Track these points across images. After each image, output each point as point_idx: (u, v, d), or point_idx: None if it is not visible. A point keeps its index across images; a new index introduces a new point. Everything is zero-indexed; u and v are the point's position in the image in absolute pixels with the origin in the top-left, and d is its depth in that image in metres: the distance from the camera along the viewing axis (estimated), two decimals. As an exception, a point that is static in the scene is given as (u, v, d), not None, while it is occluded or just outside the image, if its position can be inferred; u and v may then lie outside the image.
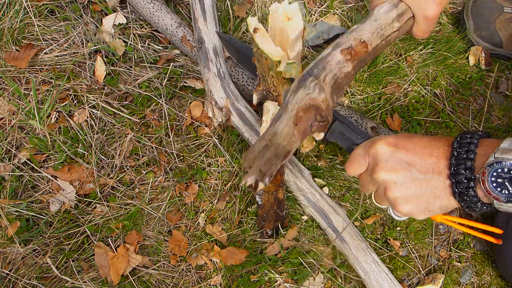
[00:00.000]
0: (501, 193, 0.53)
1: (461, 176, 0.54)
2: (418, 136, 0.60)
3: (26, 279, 0.96)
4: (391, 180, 0.59)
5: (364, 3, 1.30)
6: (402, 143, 0.59)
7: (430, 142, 0.58)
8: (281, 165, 0.92)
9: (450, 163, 0.55)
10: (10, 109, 1.10)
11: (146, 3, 1.18)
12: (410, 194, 0.59)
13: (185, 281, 0.99)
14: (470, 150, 0.54)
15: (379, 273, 0.93)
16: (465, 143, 0.55)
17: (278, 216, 0.99)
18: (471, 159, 0.54)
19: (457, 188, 0.55)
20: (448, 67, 1.25)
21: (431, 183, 0.57)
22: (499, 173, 0.52)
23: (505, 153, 0.51)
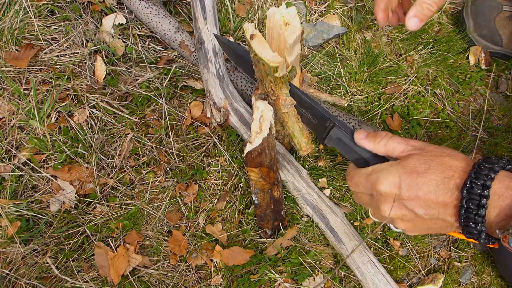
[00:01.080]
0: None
1: (472, 228, 0.52)
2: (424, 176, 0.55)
3: (26, 279, 0.96)
4: (397, 217, 0.59)
5: (364, 3, 1.30)
6: (406, 186, 0.56)
7: (437, 186, 0.54)
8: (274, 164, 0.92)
9: (459, 214, 0.53)
10: (10, 109, 1.11)
11: (144, 8, 1.17)
12: (417, 228, 0.59)
13: (185, 281, 0.99)
14: (481, 205, 0.51)
15: (375, 273, 0.93)
16: (475, 194, 0.51)
17: (277, 216, 0.99)
18: (483, 216, 0.51)
19: (467, 234, 0.54)
20: (448, 67, 1.25)
21: (438, 223, 0.56)
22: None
23: None
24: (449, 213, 0.54)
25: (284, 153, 1.04)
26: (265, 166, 0.88)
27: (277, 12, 0.70)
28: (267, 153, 0.87)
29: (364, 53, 1.23)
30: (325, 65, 1.22)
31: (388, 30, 1.30)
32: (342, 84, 1.19)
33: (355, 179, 0.64)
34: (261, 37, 0.70)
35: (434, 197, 0.54)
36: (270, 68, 0.71)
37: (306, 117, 0.80)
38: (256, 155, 0.84)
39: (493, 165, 0.51)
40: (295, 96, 0.81)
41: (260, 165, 0.88)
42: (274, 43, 0.74)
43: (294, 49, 0.74)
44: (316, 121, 0.80)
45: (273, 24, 0.71)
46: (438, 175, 0.54)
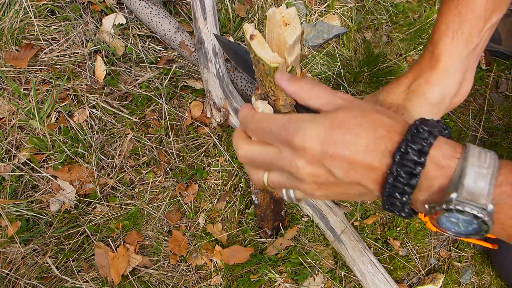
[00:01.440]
0: (450, 228, 0.45)
1: (395, 199, 0.45)
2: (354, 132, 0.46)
3: (26, 279, 0.96)
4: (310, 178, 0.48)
5: (364, 3, 1.30)
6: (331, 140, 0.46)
7: (367, 147, 0.45)
8: None
9: (385, 182, 0.45)
10: (10, 109, 1.10)
11: (144, 8, 1.17)
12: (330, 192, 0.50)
13: (185, 281, 0.99)
14: (414, 174, 0.43)
15: (375, 274, 0.93)
16: (409, 160, 0.43)
17: (277, 216, 0.99)
18: (412, 186, 0.43)
19: (387, 205, 0.47)
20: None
21: (357, 188, 0.48)
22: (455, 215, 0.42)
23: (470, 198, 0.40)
24: (373, 179, 0.46)
25: (284, 153, 1.04)
26: None
27: (277, 12, 0.70)
28: None
29: (364, 53, 1.23)
30: (325, 65, 1.23)
31: (388, 30, 1.30)
32: (342, 84, 1.19)
33: (263, 124, 0.51)
34: (261, 38, 0.71)
35: (362, 158, 0.45)
36: (270, 69, 0.71)
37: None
38: None
39: (432, 128, 0.44)
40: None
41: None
42: (274, 44, 0.74)
43: (294, 49, 0.75)
44: None
45: (273, 25, 0.71)
46: (369, 134, 0.46)
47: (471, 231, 0.43)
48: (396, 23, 1.30)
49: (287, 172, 0.49)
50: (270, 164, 0.50)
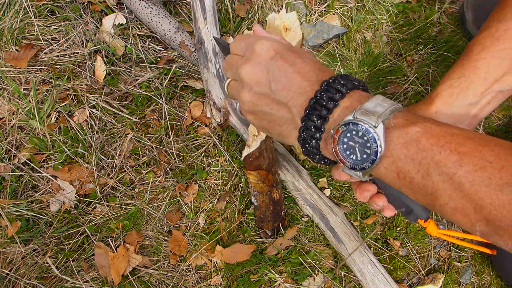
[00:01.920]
0: (348, 157, 0.48)
1: (311, 123, 0.48)
2: (305, 58, 0.52)
3: (26, 279, 0.96)
4: (249, 83, 0.53)
5: (364, 3, 1.30)
6: (284, 56, 0.52)
7: (308, 72, 0.51)
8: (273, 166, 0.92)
9: (307, 105, 0.49)
10: (10, 109, 1.11)
11: (144, 8, 1.17)
12: (258, 107, 0.54)
13: (185, 281, 0.99)
14: (333, 99, 0.47)
15: (375, 274, 0.93)
16: (333, 88, 0.48)
17: (277, 217, 0.99)
18: (329, 109, 0.47)
19: (303, 132, 0.50)
20: (448, 67, 1.25)
21: (282, 111, 0.52)
22: (353, 135, 0.46)
23: (366, 114, 0.44)
24: (299, 103, 0.50)
25: (284, 153, 1.04)
26: (264, 169, 0.88)
27: (277, 18, 0.70)
28: (265, 156, 0.86)
29: (364, 53, 1.23)
30: (325, 65, 1.22)
31: (388, 30, 1.30)
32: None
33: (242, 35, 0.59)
34: None
35: (300, 79, 0.51)
36: None
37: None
38: (254, 158, 0.84)
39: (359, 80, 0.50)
40: None
41: (259, 168, 0.87)
42: None
43: None
44: None
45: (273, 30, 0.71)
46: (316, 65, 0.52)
47: (365, 159, 0.47)
48: (396, 23, 1.30)
49: (237, 73, 0.56)
50: (231, 66, 0.58)
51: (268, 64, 0.52)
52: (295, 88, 0.50)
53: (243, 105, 0.56)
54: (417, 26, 1.28)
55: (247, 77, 0.53)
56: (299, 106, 0.50)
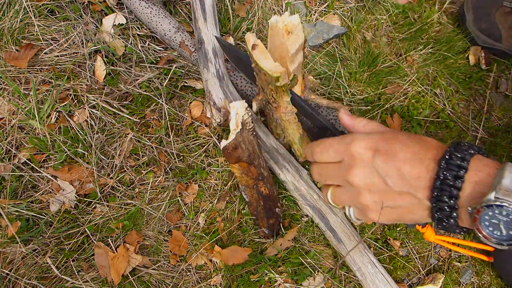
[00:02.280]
0: (492, 233, 0.47)
1: (444, 204, 0.49)
2: (402, 143, 0.52)
3: (26, 279, 0.96)
4: (366, 187, 0.54)
5: (364, 3, 1.30)
6: (383, 149, 0.52)
7: (415, 155, 0.51)
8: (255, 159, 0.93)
9: (433, 186, 0.49)
10: (10, 109, 1.11)
11: (144, 8, 1.17)
12: (383, 205, 0.54)
13: (185, 281, 0.99)
14: (459, 176, 0.47)
15: (375, 274, 0.93)
16: (454, 165, 0.48)
17: (270, 213, 0.99)
18: (458, 188, 0.48)
19: (437, 213, 0.50)
20: (448, 67, 1.25)
21: (407, 199, 0.52)
22: (495, 214, 0.46)
23: (508, 195, 0.44)
24: (421, 186, 0.50)
25: (284, 153, 1.04)
26: (244, 161, 0.90)
27: (279, 21, 0.70)
28: (244, 148, 0.88)
29: (364, 53, 1.23)
30: (325, 65, 1.22)
31: (388, 30, 1.30)
32: (342, 84, 1.19)
33: (327, 142, 0.58)
34: (263, 47, 0.70)
35: (410, 165, 0.50)
36: (272, 78, 0.71)
37: (307, 124, 0.81)
38: (231, 150, 0.86)
39: (471, 145, 0.50)
40: (296, 104, 0.82)
41: (239, 160, 0.89)
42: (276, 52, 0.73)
43: (297, 57, 0.74)
44: (317, 130, 0.80)
45: (275, 33, 0.71)
46: (415, 145, 0.52)
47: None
48: (396, 23, 1.30)
49: (344, 181, 0.55)
50: (331, 176, 0.58)
51: (374, 163, 0.52)
52: (410, 175, 0.50)
53: (367, 209, 0.55)
54: (417, 26, 1.28)
55: (360, 182, 0.54)
56: (422, 189, 0.50)
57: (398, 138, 0.53)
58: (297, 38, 0.70)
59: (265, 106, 0.92)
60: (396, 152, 0.51)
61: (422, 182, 0.50)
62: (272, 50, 0.74)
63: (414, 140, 0.53)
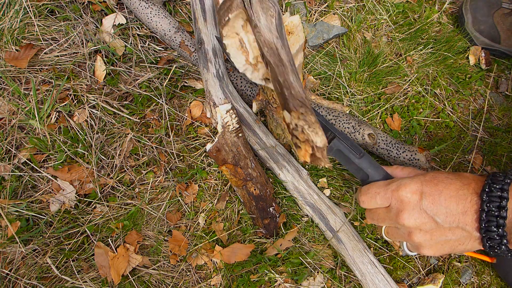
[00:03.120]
0: None
1: (493, 233, 0.53)
2: (444, 182, 0.57)
3: (26, 279, 0.96)
4: (416, 227, 0.59)
5: (364, 3, 1.30)
6: (428, 191, 0.57)
7: (457, 191, 0.56)
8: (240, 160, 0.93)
9: (480, 219, 0.54)
10: (10, 109, 1.11)
11: (144, 8, 1.17)
12: (434, 241, 0.59)
13: (185, 281, 0.99)
14: (502, 207, 0.52)
15: (375, 274, 0.93)
16: (495, 196, 0.52)
17: (264, 213, 0.99)
18: (504, 218, 0.52)
19: (488, 242, 0.54)
20: (448, 67, 1.25)
21: (457, 233, 0.57)
22: None
23: None
24: (468, 221, 0.55)
25: (284, 153, 1.04)
26: (230, 163, 0.90)
27: None
28: (227, 150, 0.89)
29: (364, 53, 1.23)
30: (325, 65, 1.22)
31: (388, 30, 1.30)
32: (342, 84, 1.19)
33: (372, 189, 0.64)
34: None
35: (455, 202, 0.55)
36: None
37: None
38: (215, 152, 0.88)
39: (507, 174, 0.54)
40: None
41: (226, 162, 0.90)
42: None
43: (297, 58, 0.74)
44: None
45: None
46: (456, 182, 0.56)
47: None
48: (396, 23, 1.30)
49: (396, 223, 0.61)
50: (383, 219, 0.63)
51: (422, 205, 0.57)
52: (457, 211, 0.55)
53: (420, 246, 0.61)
54: (417, 26, 1.28)
55: (412, 224, 0.58)
56: (470, 223, 0.55)
57: (439, 177, 0.58)
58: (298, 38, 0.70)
59: (265, 106, 0.92)
60: (441, 191, 0.56)
61: (469, 216, 0.55)
62: None
63: (454, 177, 0.58)
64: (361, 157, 0.73)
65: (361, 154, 0.73)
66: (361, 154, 0.73)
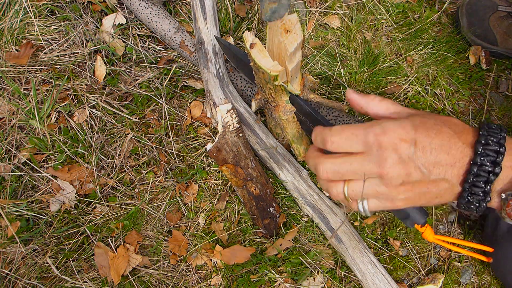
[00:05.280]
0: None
1: (479, 189, 0.48)
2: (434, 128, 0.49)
3: (26, 279, 0.96)
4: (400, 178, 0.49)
5: (364, 3, 1.30)
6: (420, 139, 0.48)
7: (449, 140, 0.49)
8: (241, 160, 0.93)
9: (468, 172, 0.48)
10: (10, 109, 1.11)
11: (144, 8, 1.17)
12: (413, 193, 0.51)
13: (185, 281, 0.99)
14: (497, 163, 0.46)
15: (375, 273, 0.93)
16: (491, 150, 0.47)
17: (264, 213, 1.00)
18: (496, 174, 0.47)
19: (469, 197, 0.49)
20: (448, 67, 1.25)
21: (441, 186, 0.50)
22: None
23: None
24: (455, 173, 0.49)
25: (284, 153, 1.04)
26: (230, 163, 0.90)
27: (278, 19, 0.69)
28: (228, 150, 0.89)
29: (364, 53, 1.23)
30: (325, 65, 1.22)
31: (388, 30, 1.30)
32: (342, 84, 1.19)
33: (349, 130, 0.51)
34: (261, 46, 0.70)
35: (446, 151, 0.48)
36: (270, 77, 0.71)
37: (306, 123, 0.81)
38: (216, 152, 0.87)
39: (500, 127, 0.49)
40: (295, 103, 0.81)
41: (226, 162, 0.90)
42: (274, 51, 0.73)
43: (295, 56, 0.74)
44: None
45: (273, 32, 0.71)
46: (448, 129, 0.49)
47: None
48: (396, 23, 1.30)
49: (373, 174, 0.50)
50: (355, 171, 0.51)
51: (409, 153, 0.48)
52: (446, 162, 0.49)
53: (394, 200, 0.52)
54: (417, 26, 1.28)
55: (395, 176, 0.49)
56: (457, 175, 0.49)
57: (429, 123, 0.50)
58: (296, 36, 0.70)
59: (264, 105, 0.92)
60: (432, 138, 0.48)
61: (456, 169, 0.49)
62: (270, 49, 0.74)
63: (443, 123, 0.50)
64: None
65: None
66: None
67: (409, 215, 0.69)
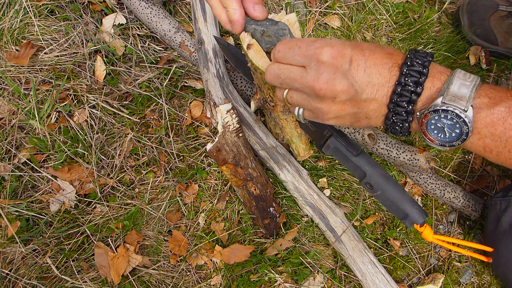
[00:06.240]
0: (437, 136, 0.51)
1: (402, 109, 0.51)
2: (369, 49, 0.52)
3: (26, 279, 0.96)
4: (332, 95, 0.52)
5: (364, 3, 1.30)
6: (356, 57, 0.51)
7: (382, 60, 0.51)
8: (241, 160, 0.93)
9: (394, 92, 0.51)
10: (10, 109, 1.11)
11: (144, 8, 1.17)
12: (343, 112, 0.54)
13: (185, 281, 0.99)
14: (420, 83, 0.49)
15: (375, 274, 0.94)
16: (415, 71, 0.49)
17: (264, 213, 1.00)
18: (418, 94, 0.50)
19: (393, 117, 0.52)
20: (448, 67, 1.25)
21: (371, 106, 0.53)
22: (441, 118, 0.49)
23: (454, 100, 0.47)
24: (384, 93, 0.51)
25: (284, 153, 1.04)
26: (230, 163, 0.91)
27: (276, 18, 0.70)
28: (228, 150, 0.89)
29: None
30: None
31: (388, 30, 1.30)
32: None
33: (292, 43, 0.54)
34: (258, 46, 0.70)
35: (378, 71, 0.51)
36: None
37: (305, 123, 0.81)
38: (216, 152, 0.88)
39: (427, 52, 0.52)
40: None
41: (226, 162, 0.90)
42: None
43: None
44: (314, 129, 0.80)
45: None
46: (381, 51, 0.52)
47: (454, 137, 0.50)
48: (396, 23, 1.30)
49: (308, 89, 0.53)
50: (293, 80, 0.55)
51: (344, 70, 0.51)
52: (378, 82, 0.51)
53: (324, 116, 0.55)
54: (417, 26, 1.28)
55: (327, 90, 0.52)
56: (385, 96, 0.52)
57: (363, 45, 0.53)
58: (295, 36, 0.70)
59: (263, 105, 0.92)
60: (366, 58, 0.51)
61: (385, 88, 0.51)
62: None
63: (375, 46, 0.53)
64: (358, 154, 0.72)
65: (358, 152, 0.72)
66: (358, 151, 0.73)
67: (408, 215, 0.69)
